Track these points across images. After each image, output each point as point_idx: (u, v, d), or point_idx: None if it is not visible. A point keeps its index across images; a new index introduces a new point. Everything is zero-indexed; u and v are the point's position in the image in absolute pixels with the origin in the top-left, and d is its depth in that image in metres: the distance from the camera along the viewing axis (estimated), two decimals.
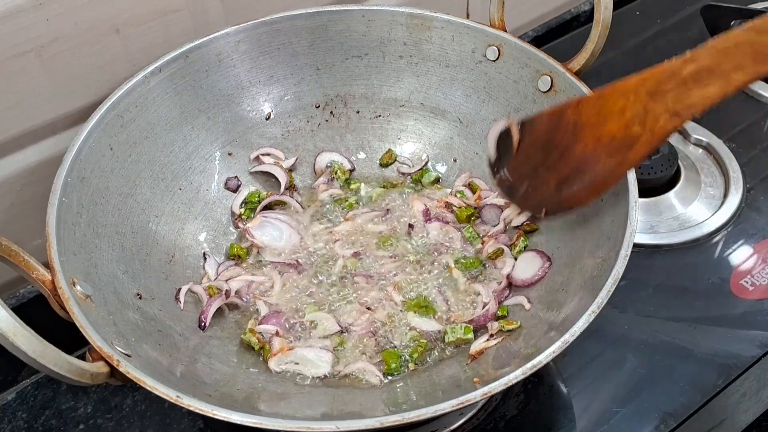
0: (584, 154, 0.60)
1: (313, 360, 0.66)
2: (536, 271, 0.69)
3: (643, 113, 0.55)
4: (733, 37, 0.51)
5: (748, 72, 0.49)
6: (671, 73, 0.54)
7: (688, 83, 0.52)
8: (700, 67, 0.52)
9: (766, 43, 0.49)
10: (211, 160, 0.78)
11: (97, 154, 0.67)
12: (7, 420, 0.72)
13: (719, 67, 0.51)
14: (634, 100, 0.56)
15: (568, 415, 0.70)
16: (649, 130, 0.55)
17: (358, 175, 0.83)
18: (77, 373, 0.49)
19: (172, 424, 0.71)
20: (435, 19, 0.78)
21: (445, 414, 0.49)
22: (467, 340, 0.67)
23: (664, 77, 0.54)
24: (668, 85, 0.54)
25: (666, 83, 0.54)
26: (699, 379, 0.71)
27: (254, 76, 0.79)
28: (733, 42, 0.50)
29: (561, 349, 0.51)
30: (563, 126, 0.62)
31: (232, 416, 0.49)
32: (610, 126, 0.58)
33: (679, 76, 0.53)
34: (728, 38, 0.51)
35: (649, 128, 0.55)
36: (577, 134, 0.61)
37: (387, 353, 0.66)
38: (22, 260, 0.56)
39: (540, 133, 0.65)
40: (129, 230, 0.69)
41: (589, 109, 0.60)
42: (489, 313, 0.68)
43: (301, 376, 0.65)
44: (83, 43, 0.71)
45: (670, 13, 1.15)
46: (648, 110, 0.55)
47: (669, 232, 0.84)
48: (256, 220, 0.77)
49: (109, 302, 0.60)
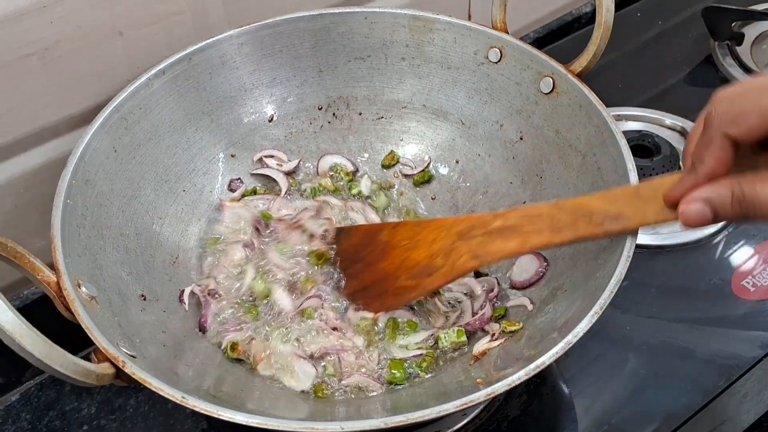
0: (386, 271, 0.67)
1: (297, 372, 0.64)
2: (534, 272, 0.70)
3: (449, 249, 0.62)
4: (540, 208, 0.59)
5: (544, 238, 0.58)
6: (482, 223, 0.61)
7: (493, 234, 0.60)
8: (507, 224, 0.60)
9: (562, 219, 0.57)
10: (215, 162, 0.79)
11: (101, 156, 0.67)
12: (11, 421, 0.72)
13: (522, 228, 0.59)
14: (446, 236, 0.63)
15: (570, 416, 0.70)
16: (450, 263, 0.62)
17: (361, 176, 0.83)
18: (83, 374, 0.49)
19: (176, 425, 0.71)
20: (437, 21, 0.78)
21: (448, 414, 0.49)
22: (461, 344, 0.67)
23: (475, 224, 0.62)
24: (477, 231, 0.61)
25: (476, 230, 0.62)
26: (701, 380, 0.71)
27: (257, 78, 0.80)
28: (539, 212, 0.59)
29: (564, 350, 0.51)
30: (374, 243, 0.69)
31: (236, 417, 0.49)
32: (419, 253, 0.65)
33: (488, 227, 0.61)
34: (537, 208, 0.60)
35: (450, 262, 0.62)
36: (385, 254, 0.67)
37: (393, 362, 0.66)
38: (28, 262, 0.56)
39: (352, 243, 0.71)
40: (133, 232, 0.69)
41: (405, 233, 0.67)
42: (484, 317, 0.68)
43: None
44: (86, 45, 0.71)
45: (672, 15, 1.15)
46: (454, 248, 0.62)
47: (671, 233, 0.84)
48: (240, 203, 0.77)
49: (113, 303, 0.60)
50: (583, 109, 0.69)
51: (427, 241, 0.64)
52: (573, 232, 0.57)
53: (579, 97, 0.70)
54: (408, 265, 0.65)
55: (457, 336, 0.67)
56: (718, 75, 1.04)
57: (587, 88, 0.69)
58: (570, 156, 0.71)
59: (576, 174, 0.70)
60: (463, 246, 0.61)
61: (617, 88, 1.03)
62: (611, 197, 0.57)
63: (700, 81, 1.04)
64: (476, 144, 0.80)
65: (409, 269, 0.65)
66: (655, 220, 0.54)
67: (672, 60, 1.07)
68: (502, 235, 0.60)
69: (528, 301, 0.68)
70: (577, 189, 0.69)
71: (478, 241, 0.61)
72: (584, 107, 0.69)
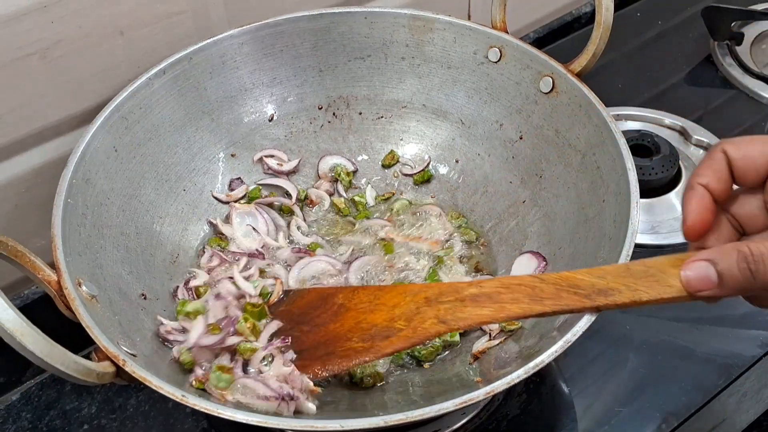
0: (336, 332, 0.61)
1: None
2: (533, 271, 0.70)
3: (413, 313, 0.57)
4: (521, 278, 0.55)
5: (523, 307, 0.53)
6: (454, 290, 0.56)
7: (465, 301, 0.55)
8: (482, 292, 0.55)
9: (544, 290, 0.53)
10: (215, 162, 0.79)
11: (102, 155, 0.67)
12: (11, 420, 0.72)
13: (498, 297, 0.54)
14: (410, 301, 0.58)
15: (570, 415, 0.70)
16: (412, 327, 0.56)
17: (361, 176, 0.83)
18: (84, 373, 0.49)
19: (176, 425, 0.71)
20: (437, 21, 0.78)
21: (448, 413, 0.49)
22: (453, 343, 0.68)
23: (446, 290, 0.57)
24: (447, 297, 0.56)
25: (446, 296, 0.56)
26: (700, 379, 0.72)
27: (257, 77, 0.80)
28: (519, 282, 0.54)
29: (563, 349, 0.51)
30: (327, 305, 0.63)
31: (237, 415, 0.49)
32: (377, 316, 0.59)
33: (460, 294, 0.56)
34: (517, 278, 0.55)
35: (413, 326, 0.56)
36: (338, 316, 0.62)
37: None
38: (28, 261, 0.56)
39: (301, 304, 0.65)
40: (133, 231, 0.69)
41: (364, 297, 0.61)
42: None
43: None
44: (87, 45, 0.71)
45: (671, 15, 1.15)
46: (419, 312, 0.57)
47: (670, 233, 0.84)
48: (248, 206, 0.77)
49: (114, 302, 0.60)
50: (582, 108, 0.69)
51: (389, 305, 0.59)
52: (556, 302, 0.52)
53: (579, 96, 0.70)
54: (363, 327, 0.59)
55: (450, 335, 0.67)
56: (718, 75, 1.04)
57: (587, 88, 0.69)
58: (569, 155, 0.71)
59: (575, 173, 0.70)
60: (430, 311, 0.56)
61: (617, 88, 1.03)
62: (600, 272, 0.53)
63: (699, 81, 1.04)
64: (476, 143, 0.80)
65: (364, 331, 0.59)
66: (649, 298, 0.50)
67: (672, 60, 1.08)
68: (476, 302, 0.55)
69: None
70: (576, 188, 0.69)
71: (447, 306, 0.56)
72: (584, 107, 0.69)
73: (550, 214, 0.72)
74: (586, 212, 0.67)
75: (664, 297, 0.50)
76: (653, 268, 0.51)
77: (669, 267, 0.50)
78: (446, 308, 0.56)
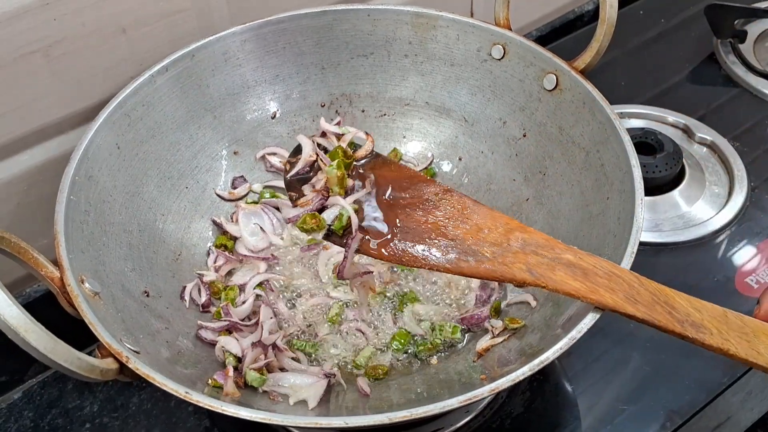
0: (418, 223, 0.60)
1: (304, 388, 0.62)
2: None
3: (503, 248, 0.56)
4: (621, 270, 0.54)
5: (617, 299, 0.52)
6: (551, 247, 0.56)
7: (560, 263, 0.55)
8: (578, 264, 0.54)
9: (641, 293, 0.52)
10: (218, 159, 0.79)
11: (105, 152, 0.67)
12: (13, 419, 0.72)
13: (594, 277, 0.53)
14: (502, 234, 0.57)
15: (573, 413, 0.70)
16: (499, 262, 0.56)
17: None
18: (87, 370, 0.49)
19: (179, 423, 0.71)
20: (440, 18, 0.78)
21: (452, 410, 0.49)
22: (455, 340, 0.68)
23: (544, 244, 0.56)
24: (543, 251, 0.56)
25: (542, 249, 0.56)
26: (704, 377, 0.71)
27: (260, 75, 0.79)
28: (619, 273, 0.54)
29: (567, 346, 0.51)
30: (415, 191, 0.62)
31: (240, 412, 0.49)
32: (463, 230, 0.58)
33: (556, 254, 0.55)
34: (617, 267, 0.54)
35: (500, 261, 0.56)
36: (424, 207, 0.61)
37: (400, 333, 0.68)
38: (32, 258, 0.56)
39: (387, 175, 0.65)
40: (136, 228, 0.69)
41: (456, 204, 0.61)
42: (482, 315, 0.68)
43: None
44: (90, 43, 0.71)
45: (674, 12, 1.15)
46: (509, 250, 0.56)
47: (673, 231, 0.84)
48: (254, 206, 0.77)
49: (117, 299, 0.60)
50: (586, 105, 0.69)
51: (478, 226, 0.58)
52: (649, 311, 0.52)
53: (582, 93, 0.70)
54: (446, 234, 0.58)
55: (451, 332, 0.67)
56: (721, 73, 1.03)
57: (591, 85, 0.69)
58: (573, 153, 0.71)
59: (579, 171, 0.70)
60: (521, 254, 0.56)
61: (620, 86, 1.03)
62: (698, 304, 0.52)
63: (702, 79, 1.03)
64: (479, 141, 0.80)
65: (447, 238, 0.58)
66: (736, 353, 0.50)
67: (675, 58, 1.07)
68: (570, 270, 0.54)
69: (531, 298, 0.68)
70: (580, 186, 0.69)
71: (541, 260, 0.55)
72: (588, 104, 0.69)
73: (553, 211, 0.72)
74: (590, 210, 0.67)
75: (750, 361, 0.50)
76: (748, 326, 0.51)
77: (763, 335, 0.51)
78: (539, 261, 0.55)
